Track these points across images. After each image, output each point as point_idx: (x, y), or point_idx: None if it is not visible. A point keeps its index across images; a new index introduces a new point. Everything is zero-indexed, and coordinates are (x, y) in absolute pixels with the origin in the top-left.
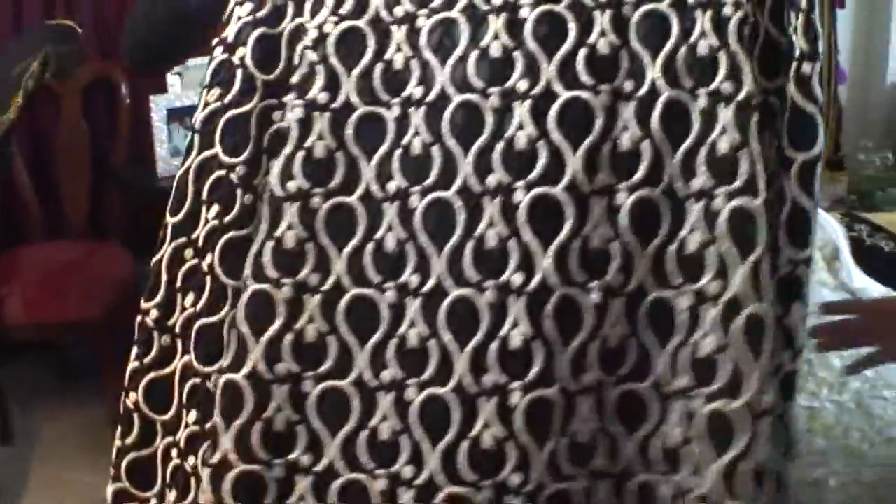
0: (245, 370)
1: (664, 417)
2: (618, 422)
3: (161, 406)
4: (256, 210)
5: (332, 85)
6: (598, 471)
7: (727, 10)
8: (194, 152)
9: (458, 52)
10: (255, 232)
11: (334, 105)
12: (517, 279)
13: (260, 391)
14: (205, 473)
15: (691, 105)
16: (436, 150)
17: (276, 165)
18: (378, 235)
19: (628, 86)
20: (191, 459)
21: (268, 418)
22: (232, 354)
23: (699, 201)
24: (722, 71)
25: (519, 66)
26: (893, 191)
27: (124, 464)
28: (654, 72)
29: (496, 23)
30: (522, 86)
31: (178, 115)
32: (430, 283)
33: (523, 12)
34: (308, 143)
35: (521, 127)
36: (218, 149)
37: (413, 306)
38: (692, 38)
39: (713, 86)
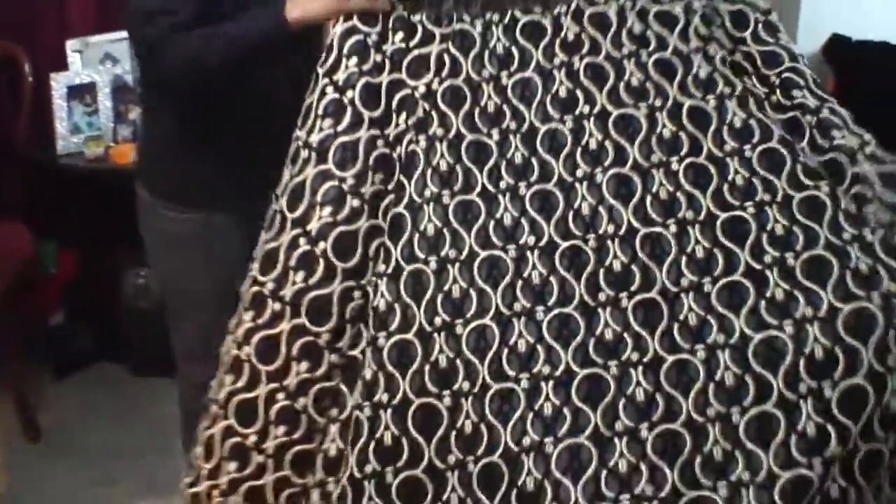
0: (414, 329)
1: None
2: None
3: (267, 358)
4: (364, 211)
5: (445, 123)
6: None
7: None
8: (311, 166)
9: (538, 98)
10: (395, 232)
11: (449, 136)
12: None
13: (424, 342)
14: (387, 413)
15: None
16: (534, 160)
17: (412, 182)
18: (497, 216)
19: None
20: (301, 401)
21: (433, 360)
22: (398, 319)
23: None
24: None
25: (581, 98)
26: None
27: (232, 404)
28: None
29: (559, 74)
30: (586, 110)
31: (79, 93)
32: (544, 240)
33: (576, 62)
34: (434, 163)
35: (591, 134)
36: (331, 165)
37: (532, 258)
38: None
39: None
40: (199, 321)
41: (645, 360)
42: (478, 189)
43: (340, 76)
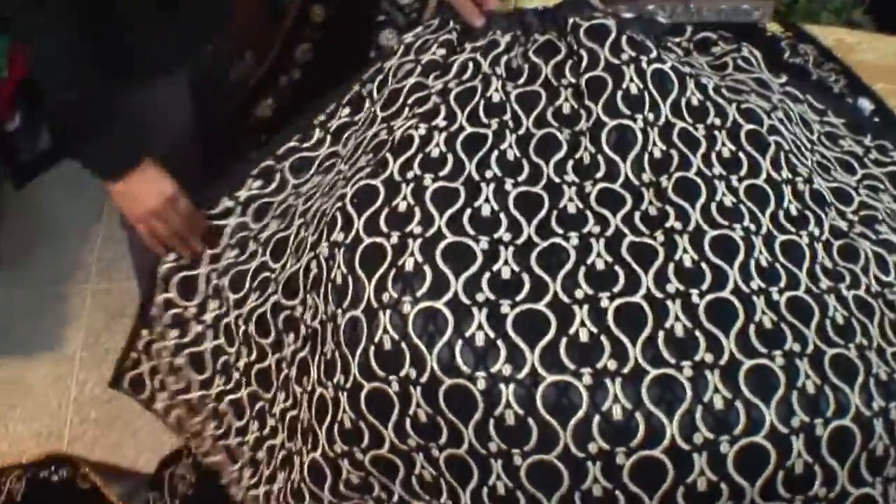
0: (447, 296)
1: None
2: None
3: None
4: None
5: (451, 117)
6: None
7: None
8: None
9: (539, 107)
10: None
11: (451, 128)
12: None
13: (459, 314)
14: (417, 391)
15: None
16: (525, 161)
17: (396, 161)
18: (475, 205)
19: None
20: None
21: (469, 336)
22: (428, 284)
23: None
24: None
25: (583, 115)
26: None
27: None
28: None
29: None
30: (584, 126)
31: None
32: (521, 239)
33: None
34: (427, 150)
35: (585, 148)
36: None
37: (506, 254)
38: None
39: None
40: None
41: (624, 370)
42: (462, 178)
43: (333, 123)
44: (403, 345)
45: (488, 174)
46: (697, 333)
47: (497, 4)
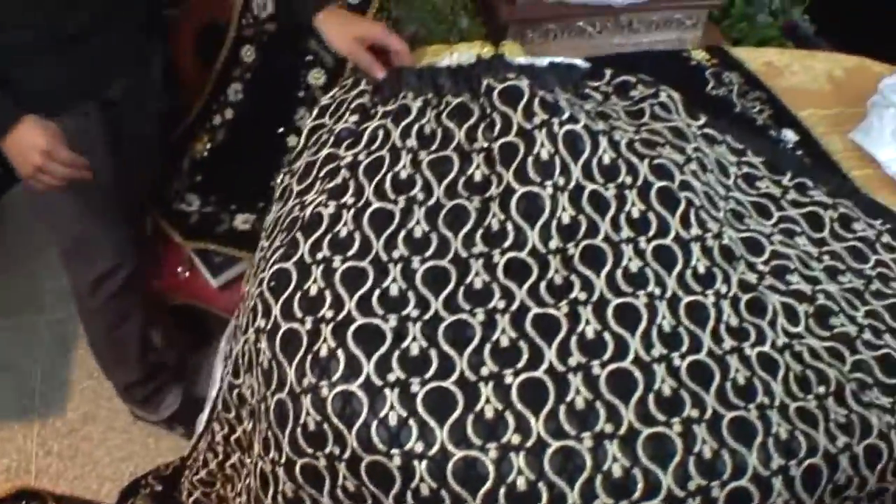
0: (360, 378)
1: None
2: None
3: None
4: None
5: (359, 192)
6: None
7: None
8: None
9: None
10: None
11: (358, 205)
12: None
13: (372, 394)
14: (342, 466)
15: None
16: (434, 235)
17: (307, 242)
18: (383, 285)
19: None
20: None
21: (383, 416)
22: (342, 368)
23: None
24: None
25: (494, 182)
26: None
27: None
28: None
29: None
30: (495, 192)
31: None
32: (428, 314)
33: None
34: (335, 230)
35: (494, 215)
36: None
37: (413, 330)
38: None
39: None
40: None
41: (527, 444)
42: (370, 257)
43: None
44: (325, 426)
45: (395, 254)
46: (598, 405)
47: (409, 62)
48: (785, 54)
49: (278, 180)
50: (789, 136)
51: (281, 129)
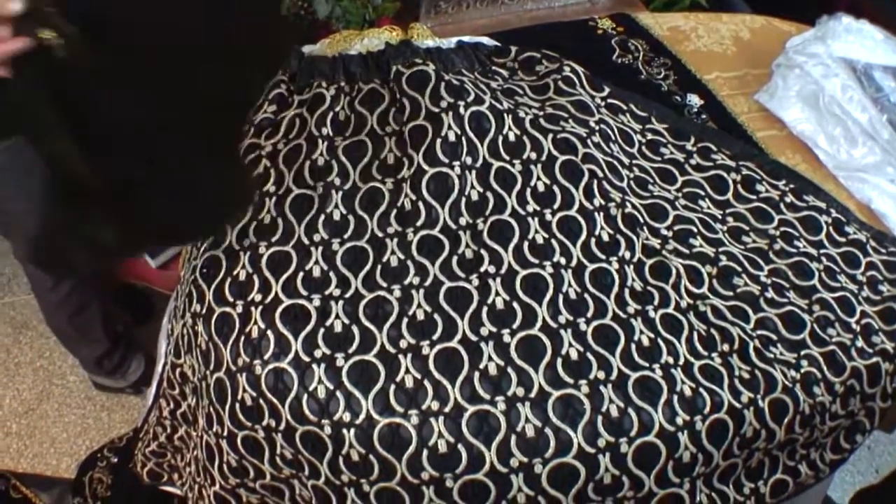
0: (290, 356)
1: None
2: None
3: None
4: None
5: (279, 181)
6: None
7: None
8: None
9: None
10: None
11: (279, 192)
12: None
13: (301, 370)
14: (279, 437)
15: None
16: (351, 217)
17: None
18: (306, 268)
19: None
20: None
21: (312, 389)
22: (272, 347)
23: None
24: None
25: (405, 164)
26: None
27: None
28: None
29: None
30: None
31: None
32: (350, 292)
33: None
34: (259, 217)
35: (405, 195)
36: None
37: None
38: None
39: None
40: None
41: (446, 409)
42: (293, 242)
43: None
44: (261, 401)
45: (316, 237)
46: (509, 370)
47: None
48: (690, 18)
49: None
50: (694, 100)
51: None
